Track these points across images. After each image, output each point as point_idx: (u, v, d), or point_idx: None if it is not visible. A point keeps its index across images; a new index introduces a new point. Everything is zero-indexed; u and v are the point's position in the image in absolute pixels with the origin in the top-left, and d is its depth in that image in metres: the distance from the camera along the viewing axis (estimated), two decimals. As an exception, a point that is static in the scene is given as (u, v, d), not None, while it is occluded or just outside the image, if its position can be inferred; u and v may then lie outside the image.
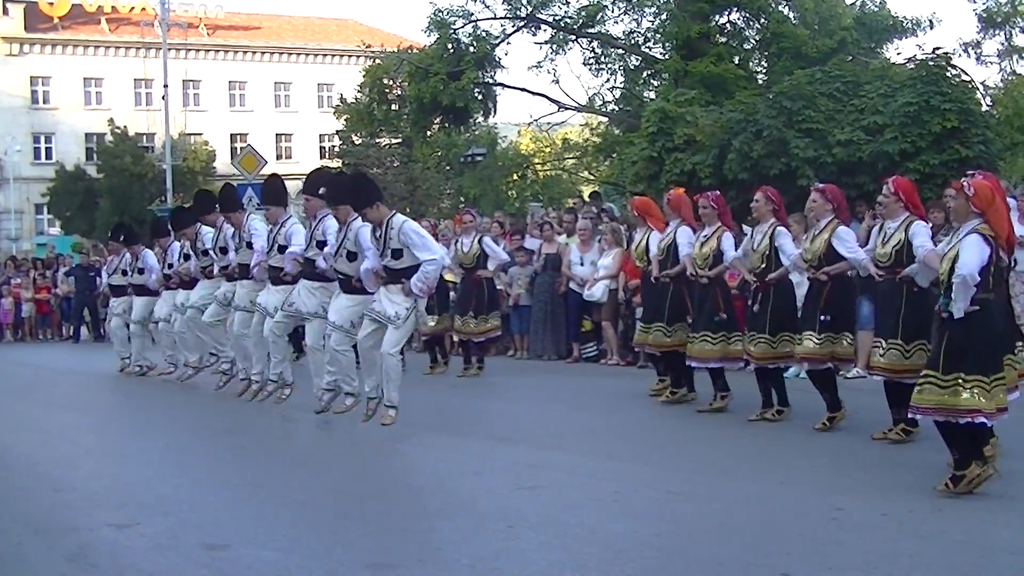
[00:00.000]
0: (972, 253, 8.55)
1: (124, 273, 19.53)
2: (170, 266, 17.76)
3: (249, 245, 14.85)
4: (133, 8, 71.36)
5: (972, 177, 9.03)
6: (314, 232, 13.30)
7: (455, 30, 37.43)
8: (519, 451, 10.74)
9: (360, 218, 12.09)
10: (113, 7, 71.52)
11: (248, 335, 14.90)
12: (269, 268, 14.16)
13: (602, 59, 40.76)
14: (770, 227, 12.41)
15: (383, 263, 11.69)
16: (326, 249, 12.97)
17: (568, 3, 38.32)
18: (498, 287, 19.09)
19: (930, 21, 39.08)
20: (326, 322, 12.64)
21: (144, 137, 65.70)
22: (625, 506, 8.93)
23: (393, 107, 44.50)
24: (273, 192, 14.52)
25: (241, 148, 48.87)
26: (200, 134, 69.44)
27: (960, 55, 46.47)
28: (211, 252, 16.13)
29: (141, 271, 18.97)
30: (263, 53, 76.94)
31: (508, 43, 38.62)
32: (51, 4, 70.05)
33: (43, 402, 17.37)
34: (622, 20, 39.52)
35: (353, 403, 12.68)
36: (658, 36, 37.60)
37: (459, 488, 9.69)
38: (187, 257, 17.10)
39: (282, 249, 13.88)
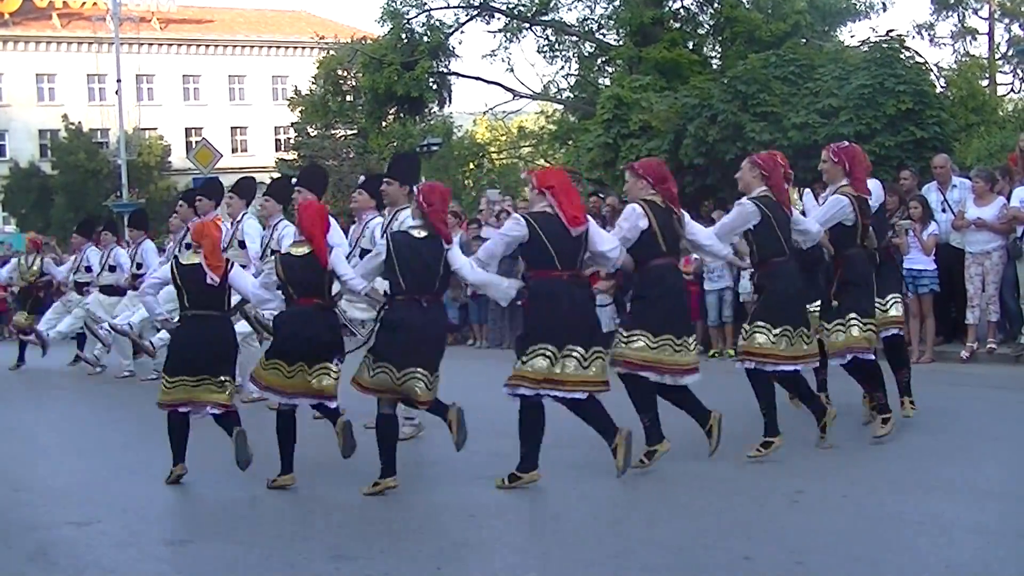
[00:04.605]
0: None
1: (88, 270, 19.10)
2: (139, 265, 17.39)
3: (242, 244, 14.12)
4: (84, 3, 70.87)
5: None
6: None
7: (408, 20, 37.32)
8: (479, 440, 10.70)
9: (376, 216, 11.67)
10: (64, 2, 71.01)
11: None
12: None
13: (556, 46, 40.78)
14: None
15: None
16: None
17: (521, -10, 38.39)
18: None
19: (883, 3, 39.29)
20: None
21: (98, 133, 65.16)
22: (585, 492, 8.94)
23: (348, 98, 44.40)
24: (280, 189, 13.81)
25: (196, 142, 48.66)
26: (155, 129, 69.00)
27: (914, 37, 47.19)
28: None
29: (112, 268, 18.51)
30: (216, 46, 76.64)
31: (462, 32, 38.60)
32: (1, 0, 69.52)
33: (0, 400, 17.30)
34: (575, 7, 39.59)
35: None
36: (612, 23, 37.59)
37: (419, 479, 9.67)
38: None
39: (275, 253, 13.11)
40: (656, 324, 9.35)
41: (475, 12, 38.18)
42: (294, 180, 13.31)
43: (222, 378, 9.95)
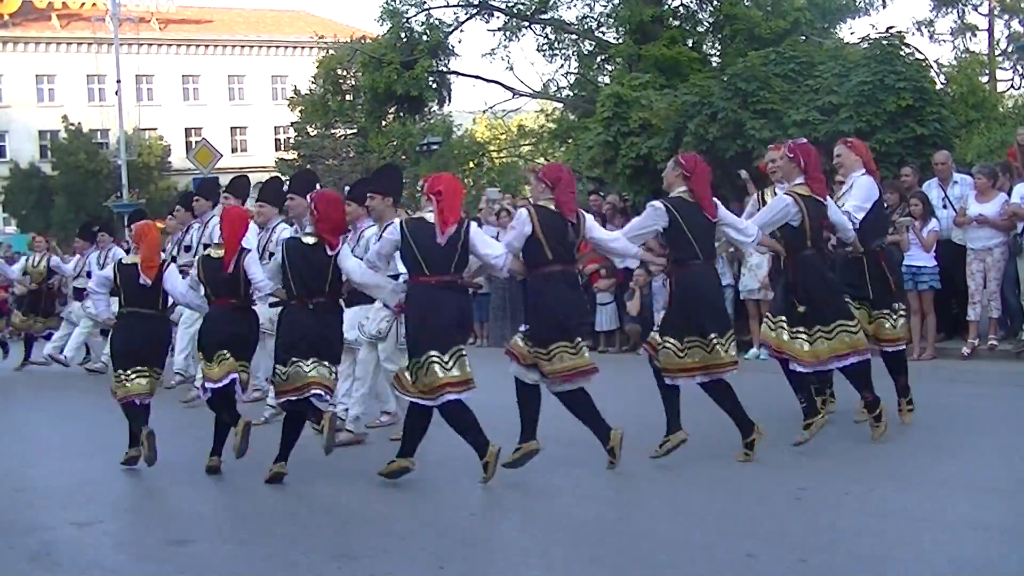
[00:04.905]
0: None
1: (90, 275, 18.92)
2: None
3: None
4: (84, 4, 70.89)
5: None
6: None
7: (408, 19, 37.30)
8: (481, 439, 10.74)
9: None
10: (64, 3, 71.06)
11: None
12: None
13: (556, 45, 40.71)
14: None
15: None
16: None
17: (521, -11, 38.36)
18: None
19: (883, 0, 39.24)
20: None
21: (98, 133, 65.19)
22: (589, 491, 8.94)
23: (347, 98, 44.43)
24: (271, 191, 13.69)
25: (196, 142, 48.67)
26: (154, 129, 69.11)
27: (913, 34, 47.02)
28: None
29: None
30: (216, 46, 76.72)
31: (461, 31, 38.56)
32: (0, 1, 69.50)
33: (1, 400, 17.27)
34: (575, 5, 39.54)
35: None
36: (611, 20, 37.52)
37: (421, 478, 9.66)
38: (188, 249, 15.18)
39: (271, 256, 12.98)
40: (544, 335, 9.41)
41: (474, 11, 38.15)
42: (285, 187, 13.17)
43: (149, 368, 10.66)
